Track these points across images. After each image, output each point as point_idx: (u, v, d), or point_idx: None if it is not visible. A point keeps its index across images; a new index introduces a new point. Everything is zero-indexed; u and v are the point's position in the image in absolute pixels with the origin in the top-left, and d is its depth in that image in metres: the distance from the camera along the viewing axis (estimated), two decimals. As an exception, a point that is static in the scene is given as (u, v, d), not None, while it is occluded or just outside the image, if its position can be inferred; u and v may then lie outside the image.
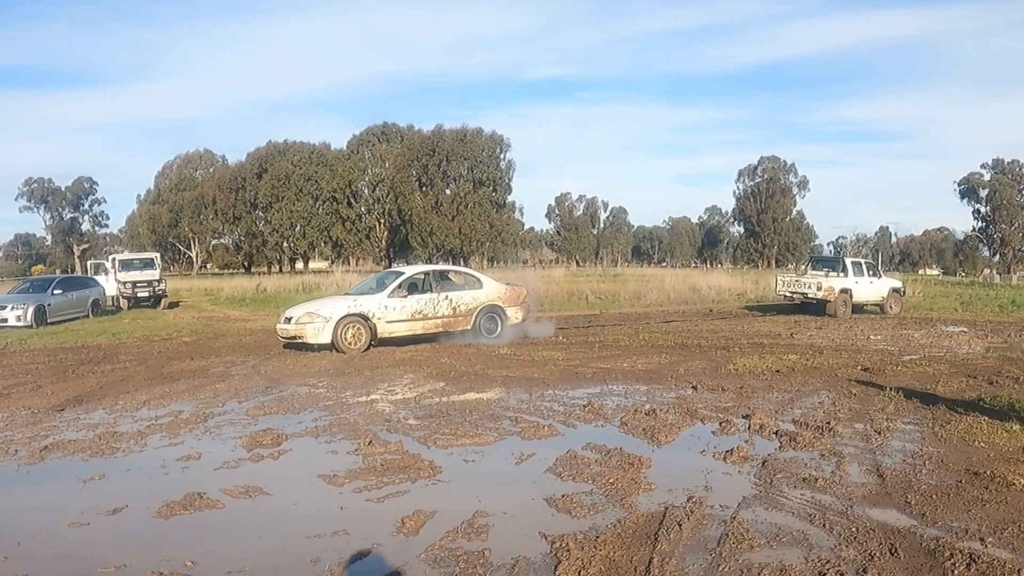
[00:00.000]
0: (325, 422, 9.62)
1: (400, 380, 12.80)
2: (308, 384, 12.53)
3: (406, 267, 20.57)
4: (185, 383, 13.01)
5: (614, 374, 13.06)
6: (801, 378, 12.51)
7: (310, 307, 17.13)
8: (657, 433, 8.58)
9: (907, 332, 20.73)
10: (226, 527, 6.23)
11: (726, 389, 11.35)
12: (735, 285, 40.91)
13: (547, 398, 10.90)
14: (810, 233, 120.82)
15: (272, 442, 8.75)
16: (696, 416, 9.55)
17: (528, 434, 8.75)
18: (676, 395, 11.04)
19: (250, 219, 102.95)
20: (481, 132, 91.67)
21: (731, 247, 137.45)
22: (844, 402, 10.53)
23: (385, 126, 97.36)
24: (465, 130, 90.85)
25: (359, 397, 11.28)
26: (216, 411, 10.58)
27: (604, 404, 10.36)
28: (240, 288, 43.68)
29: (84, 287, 30.08)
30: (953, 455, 7.70)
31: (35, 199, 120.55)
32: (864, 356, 15.26)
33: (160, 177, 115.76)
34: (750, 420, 9.24)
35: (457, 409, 10.21)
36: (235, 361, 15.72)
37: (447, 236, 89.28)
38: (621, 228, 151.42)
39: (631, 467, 7.26)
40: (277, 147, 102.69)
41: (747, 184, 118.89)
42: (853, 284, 26.53)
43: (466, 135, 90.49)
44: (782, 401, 10.59)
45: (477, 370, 13.55)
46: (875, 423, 9.12)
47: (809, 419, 9.33)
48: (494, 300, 18.34)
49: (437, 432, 8.91)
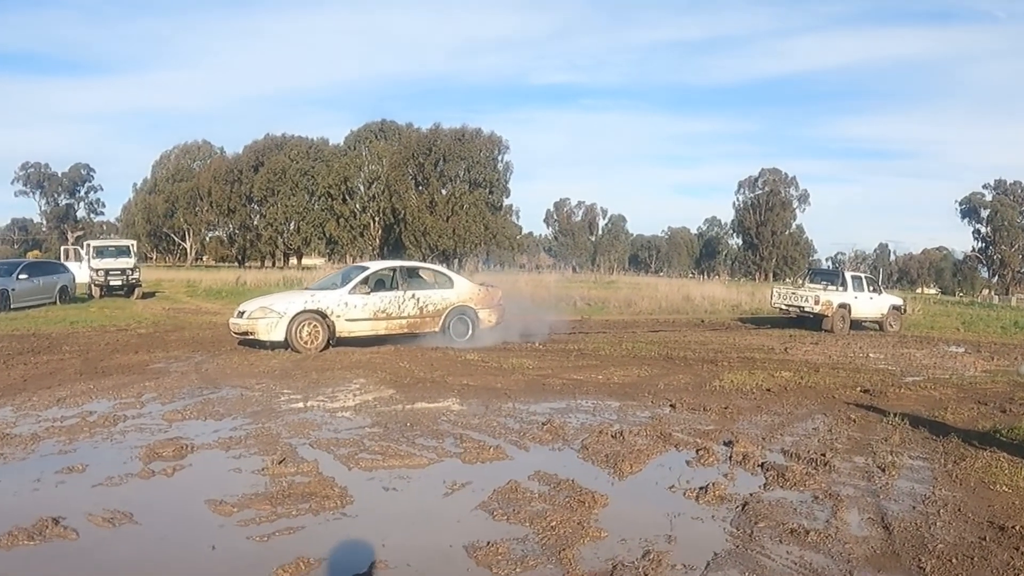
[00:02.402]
0: (244, 432, 8.33)
1: (347, 385, 11.49)
2: (245, 386, 11.22)
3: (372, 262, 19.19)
4: (115, 379, 11.73)
5: (586, 387, 11.76)
6: (794, 399, 11.23)
7: (264, 301, 15.83)
8: (621, 461, 7.28)
9: (908, 351, 19.49)
10: (66, 566, 4.95)
11: (709, 409, 10.06)
12: (730, 296, 39.61)
13: (504, 412, 9.60)
14: (809, 248, 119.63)
15: (174, 454, 7.47)
16: (670, 441, 8.25)
17: (471, 456, 7.46)
18: (651, 414, 9.74)
19: (245, 212, 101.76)
20: (480, 133, 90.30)
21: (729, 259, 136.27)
22: (842, 429, 9.26)
23: (383, 123, 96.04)
24: (463, 130, 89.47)
25: (294, 403, 9.98)
26: (131, 414, 9.30)
27: (566, 423, 9.06)
28: (220, 281, 42.32)
29: (52, 273, 28.73)
30: (972, 501, 6.42)
31: (31, 184, 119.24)
32: (864, 376, 14.00)
33: (157, 167, 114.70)
34: (733, 448, 7.95)
35: (399, 422, 8.91)
36: (180, 357, 14.43)
37: (440, 236, 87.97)
38: (619, 236, 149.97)
39: (582, 506, 5.96)
40: (274, 141, 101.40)
41: (747, 196, 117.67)
42: (852, 299, 25.34)
43: (464, 135, 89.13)
44: (771, 426, 9.31)
45: (436, 377, 12.24)
46: (878, 457, 7.85)
47: (801, 449, 8.05)
48: (465, 301, 17.01)
49: (366, 450, 7.62)
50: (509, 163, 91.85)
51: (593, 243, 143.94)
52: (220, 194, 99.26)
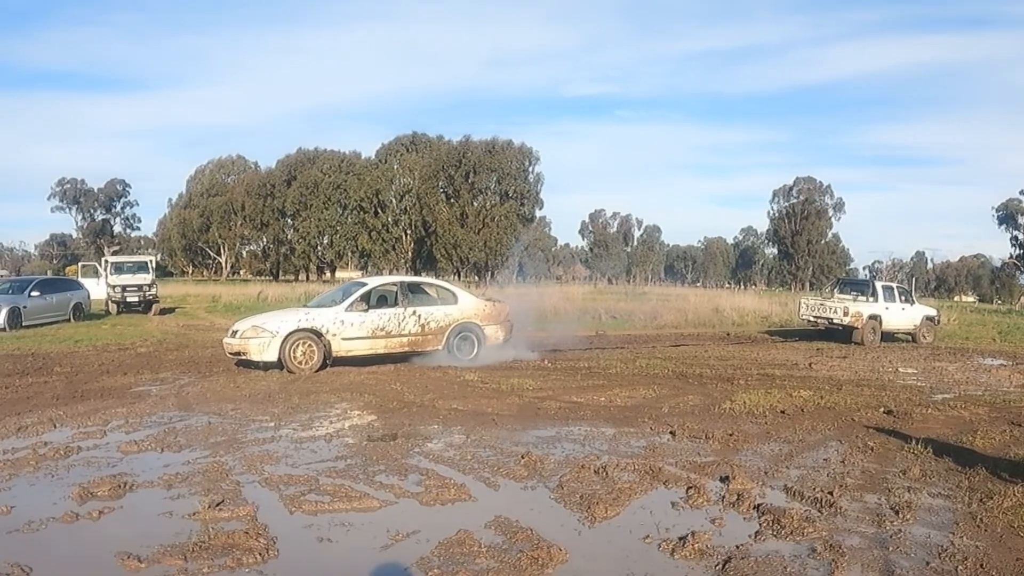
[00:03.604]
0: (196, 467, 7.64)
1: (327, 411, 10.76)
2: (218, 412, 10.54)
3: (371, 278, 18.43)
4: (90, 404, 11.14)
5: (583, 411, 10.94)
6: (809, 423, 10.34)
7: (256, 320, 15.18)
8: (597, 503, 6.47)
9: (940, 364, 18.44)
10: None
11: (712, 436, 9.20)
12: (760, 307, 38.44)
13: (485, 442, 8.81)
14: (845, 256, 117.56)
15: (109, 494, 6.81)
16: (660, 477, 7.42)
17: (429, 497, 6.69)
18: (646, 444, 8.91)
19: (278, 226, 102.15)
20: (510, 144, 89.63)
21: (765, 269, 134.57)
22: (857, 459, 8.37)
23: (414, 136, 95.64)
24: (494, 142, 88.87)
25: (263, 432, 9.28)
26: (88, 445, 8.67)
27: (549, 455, 8.25)
28: (241, 296, 42.00)
29: (66, 290, 28.48)
30: (997, 554, 5.55)
31: (67, 199, 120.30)
32: (889, 394, 13.05)
33: (192, 181, 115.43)
34: (728, 485, 7.11)
35: (366, 454, 8.17)
36: (168, 379, 13.83)
37: (472, 249, 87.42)
38: (654, 247, 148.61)
39: (533, 564, 5.16)
40: (307, 155, 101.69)
41: (782, 205, 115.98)
42: (883, 310, 24.26)
43: (494, 147, 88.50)
44: (778, 456, 8.45)
45: (425, 401, 11.48)
46: (893, 495, 6.98)
47: (807, 485, 7.19)
48: (470, 317, 16.23)
49: (317, 489, 6.88)
50: (540, 174, 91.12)
51: (628, 254, 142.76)
52: (253, 208, 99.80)
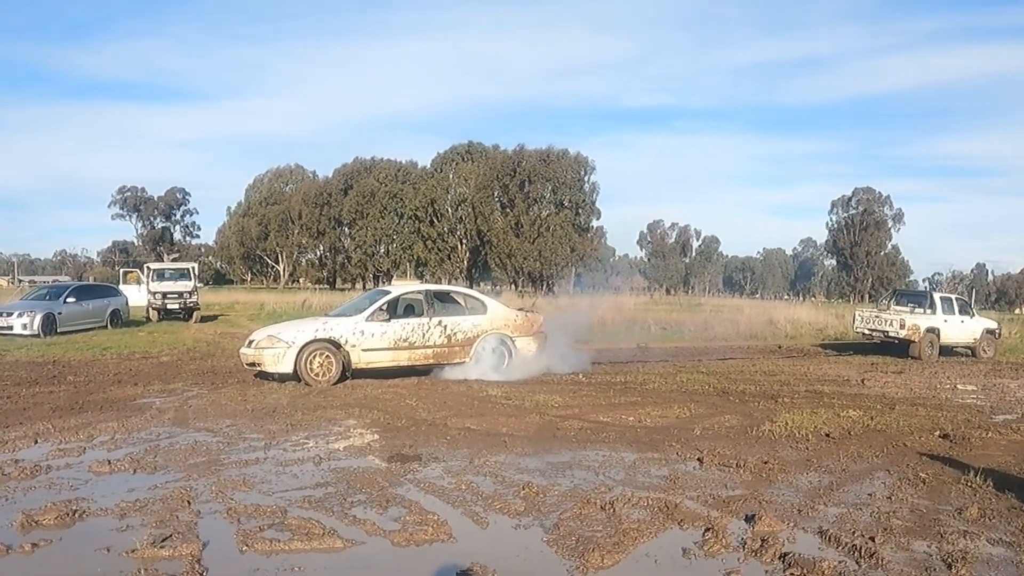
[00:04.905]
0: (162, 492, 6.91)
1: (327, 429, 9.98)
2: (211, 429, 9.84)
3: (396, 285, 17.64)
4: (86, 417, 10.55)
5: (606, 432, 10.00)
6: (855, 448, 9.32)
7: (272, 330, 14.49)
8: (593, 549, 5.55)
9: (1002, 381, 17.17)
10: None
11: (744, 465, 8.23)
12: (816, 319, 37.03)
13: (487, 468, 7.94)
14: (904, 268, 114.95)
15: (55, 523, 6.13)
16: (675, 515, 6.48)
17: (403, 537, 5.83)
18: (668, 473, 7.96)
19: (334, 235, 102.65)
20: (566, 153, 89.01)
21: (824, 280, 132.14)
22: (906, 494, 7.35)
23: (470, 145, 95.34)
24: (549, 151, 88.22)
25: (249, 453, 8.52)
26: (61, 463, 8.02)
27: (554, 485, 7.34)
28: (287, 303, 41.68)
29: (103, 296, 28.29)
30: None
31: (127, 207, 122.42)
32: (946, 415, 11.92)
33: (251, 190, 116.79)
34: (753, 526, 6.17)
35: (351, 481, 7.35)
36: (177, 390, 13.21)
37: (526, 259, 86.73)
38: (712, 257, 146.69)
39: (497, 631, 4.30)
40: (363, 164, 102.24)
41: (840, 216, 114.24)
42: (941, 323, 23.02)
43: (549, 156, 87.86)
44: (816, 489, 7.46)
45: (437, 419, 10.64)
46: (946, 541, 5.99)
47: (845, 528, 6.22)
48: (500, 328, 15.37)
49: (281, 523, 6.08)
50: (596, 184, 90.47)
51: (686, 265, 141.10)
52: (310, 216, 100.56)
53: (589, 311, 26.11)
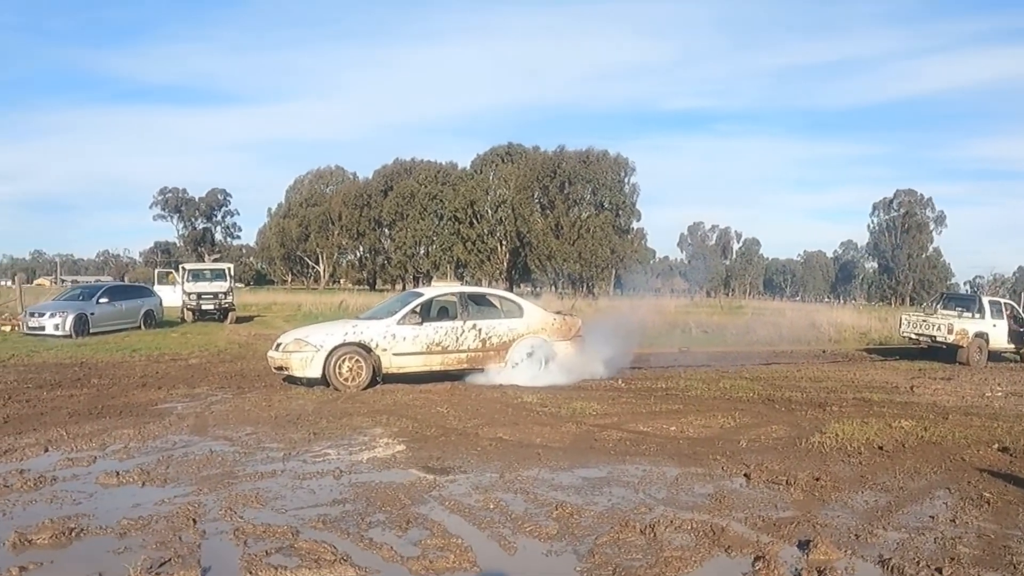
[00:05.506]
0: (168, 508, 6.46)
1: (352, 438, 9.47)
2: (230, 437, 9.38)
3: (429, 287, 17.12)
4: (103, 423, 10.20)
5: (647, 444, 9.40)
6: (911, 463, 8.63)
7: (300, 333, 14.03)
8: (632, 582, 5.00)
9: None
10: None
11: (794, 481, 7.59)
12: (859, 323, 36.04)
13: (519, 484, 7.38)
14: (946, 271, 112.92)
15: (50, 542, 5.74)
16: (721, 541, 5.87)
17: (422, 564, 5.29)
18: (713, 490, 7.34)
19: (374, 236, 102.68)
20: (606, 154, 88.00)
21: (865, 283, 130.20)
22: (970, 516, 6.68)
23: (510, 146, 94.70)
24: (589, 152, 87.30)
25: (267, 464, 8.04)
26: (68, 474, 7.61)
27: (590, 504, 6.76)
28: (323, 304, 41.41)
29: (136, 297, 28.12)
30: None
31: (169, 208, 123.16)
32: (1002, 425, 11.13)
33: (291, 191, 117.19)
34: (808, 554, 5.55)
35: (371, 498, 6.82)
36: (201, 394, 12.83)
37: (566, 260, 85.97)
38: (752, 260, 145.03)
39: None
40: (403, 165, 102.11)
41: (882, 218, 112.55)
42: (990, 327, 22.21)
43: (589, 157, 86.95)
44: (873, 510, 6.81)
45: (468, 428, 10.09)
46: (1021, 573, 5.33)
47: (908, 556, 5.59)
48: (537, 332, 14.80)
49: (290, 547, 5.58)
50: (636, 185, 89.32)
51: (727, 267, 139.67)
52: (350, 218, 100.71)
53: (628, 313, 25.52)
